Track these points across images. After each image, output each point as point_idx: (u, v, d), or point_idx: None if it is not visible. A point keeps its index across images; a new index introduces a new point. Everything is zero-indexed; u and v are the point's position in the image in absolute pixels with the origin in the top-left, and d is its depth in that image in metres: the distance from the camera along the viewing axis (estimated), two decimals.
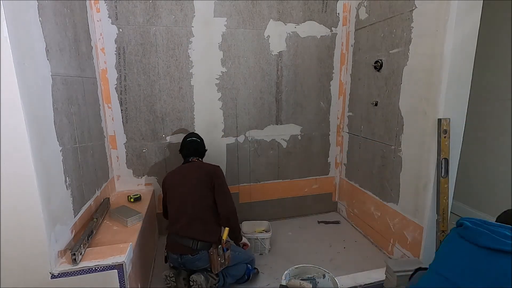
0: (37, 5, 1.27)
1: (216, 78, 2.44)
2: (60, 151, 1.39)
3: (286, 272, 1.68)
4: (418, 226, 1.93)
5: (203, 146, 2.15)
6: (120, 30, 2.16)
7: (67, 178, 1.44)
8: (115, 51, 2.19)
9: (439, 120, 1.70)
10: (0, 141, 1.11)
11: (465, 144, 1.89)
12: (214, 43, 2.37)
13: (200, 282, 1.71)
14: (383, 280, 1.85)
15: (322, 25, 2.59)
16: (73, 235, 1.48)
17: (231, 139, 2.59)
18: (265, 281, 2.01)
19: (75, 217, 1.52)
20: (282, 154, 2.76)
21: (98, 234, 1.66)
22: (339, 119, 2.85)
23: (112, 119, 2.28)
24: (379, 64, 2.21)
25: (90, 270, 1.31)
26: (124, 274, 1.35)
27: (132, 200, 2.14)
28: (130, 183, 2.43)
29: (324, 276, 1.69)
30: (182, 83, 2.37)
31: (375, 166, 2.38)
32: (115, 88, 2.25)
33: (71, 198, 1.48)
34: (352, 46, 2.62)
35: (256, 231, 2.42)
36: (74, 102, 1.61)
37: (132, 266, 1.49)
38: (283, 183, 2.83)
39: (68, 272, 1.29)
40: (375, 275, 1.90)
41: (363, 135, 2.52)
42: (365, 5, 2.39)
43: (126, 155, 2.38)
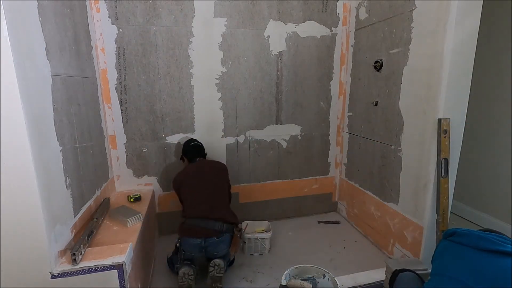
0: (37, 5, 1.27)
1: (216, 78, 2.44)
2: (60, 151, 1.39)
3: (286, 272, 1.68)
4: (418, 226, 1.93)
5: (204, 149, 2.31)
6: (120, 30, 2.16)
7: (67, 178, 1.44)
8: (115, 51, 2.19)
9: (439, 120, 1.70)
10: (0, 141, 1.11)
11: (465, 144, 1.89)
12: (214, 43, 2.37)
13: (223, 265, 1.80)
14: (383, 280, 1.85)
15: (322, 25, 2.59)
16: (73, 235, 1.48)
17: (231, 139, 2.59)
18: (265, 281, 2.01)
19: (75, 217, 1.52)
20: (282, 154, 2.76)
21: (98, 234, 1.66)
22: (339, 119, 2.85)
23: (112, 119, 2.28)
24: (379, 64, 2.21)
25: (90, 270, 1.31)
26: (124, 274, 1.35)
27: (132, 200, 2.14)
28: (130, 183, 2.43)
29: (324, 276, 1.69)
30: (182, 83, 2.37)
31: (375, 166, 2.38)
32: (115, 88, 2.25)
33: (71, 198, 1.48)
34: (352, 46, 2.62)
35: (256, 231, 2.42)
36: (74, 102, 1.61)
37: (132, 266, 1.49)
38: (283, 183, 2.83)
39: (68, 272, 1.29)
40: (375, 275, 1.90)
41: (363, 135, 2.52)
42: (365, 5, 2.39)
43: (126, 155, 2.38)
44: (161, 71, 2.31)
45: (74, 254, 1.29)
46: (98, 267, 1.32)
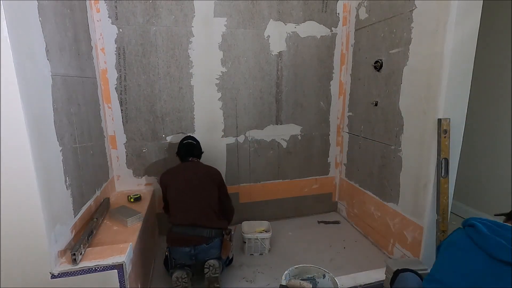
0: (37, 5, 1.27)
1: (216, 78, 2.44)
2: (60, 151, 1.39)
3: (286, 272, 1.68)
4: (418, 226, 1.93)
5: (199, 148, 2.21)
6: (120, 30, 2.16)
7: (67, 178, 1.44)
8: (115, 51, 2.19)
9: (439, 120, 1.70)
10: (0, 141, 1.11)
11: (465, 144, 1.89)
12: (214, 43, 2.37)
13: (218, 265, 1.77)
14: (383, 280, 1.85)
15: (322, 25, 2.59)
16: (73, 235, 1.48)
17: (231, 139, 2.59)
18: (265, 281, 2.01)
19: (75, 217, 1.52)
20: (282, 154, 2.76)
21: (98, 234, 1.66)
22: (339, 119, 2.85)
23: (112, 119, 2.28)
24: (379, 64, 2.21)
25: (90, 270, 1.31)
26: (124, 274, 1.35)
27: (132, 200, 2.14)
28: (130, 183, 2.43)
29: (324, 276, 1.69)
30: (182, 83, 2.37)
31: (375, 166, 2.38)
32: (115, 88, 2.25)
33: (71, 198, 1.48)
34: (352, 46, 2.62)
35: (256, 231, 2.42)
36: (74, 102, 1.61)
37: (132, 266, 1.49)
38: (283, 183, 2.83)
39: (68, 272, 1.29)
40: (375, 275, 1.90)
41: (363, 135, 2.52)
42: (365, 5, 2.39)
43: (126, 155, 2.38)
44: (161, 71, 2.31)
45: (74, 254, 1.29)
46: (98, 267, 1.32)
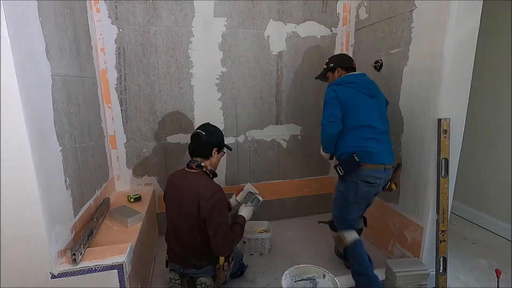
0: (37, 5, 1.27)
1: (216, 78, 2.44)
2: (60, 151, 1.39)
3: (286, 272, 1.68)
4: (418, 226, 1.93)
5: (208, 143, 1.70)
6: (120, 30, 2.16)
7: (67, 178, 1.44)
8: (115, 51, 2.19)
9: (439, 120, 1.70)
10: (0, 141, 1.11)
11: (465, 144, 1.89)
12: (214, 43, 2.37)
13: (209, 283, 1.70)
14: (383, 280, 1.85)
15: (322, 25, 2.59)
16: (73, 235, 1.48)
17: (231, 139, 2.59)
18: (265, 281, 2.01)
19: (75, 217, 1.52)
20: (282, 154, 2.76)
21: (98, 234, 1.66)
22: None
23: (112, 119, 2.28)
24: (379, 64, 2.21)
25: (90, 270, 1.31)
26: (124, 274, 1.35)
27: (132, 200, 2.14)
28: (130, 183, 2.43)
29: (324, 276, 1.69)
30: (182, 83, 2.37)
31: None
32: (115, 88, 2.25)
33: (71, 198, 1.48)
34: (352, 46, 2.62)
35: (256, 231, 2.42)
36: (74, 102, 1.61)
37: (132, 266, 1.49)
38: (283, 183, 2.83)
39: (68, 272, 1.29)
40: None
41: None
42: (365, 5, 2.39)
43: (126, 155, 2.38)
44: (161, 71, 2.31)
45: (74, 254, 1.29)
46: (98, 267, 1.32)
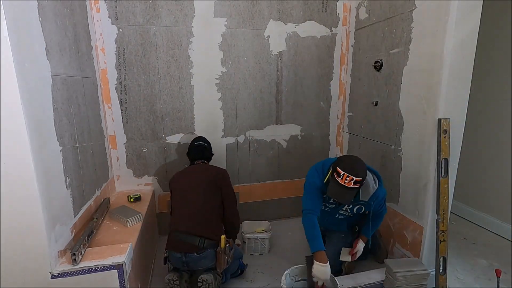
0: (37, 5, 1.27)
1: (216, 78, 2.44)
2: (60, 151, 1.39)
3: (286, 272, 1.69)
4: (418, 226, 1.93)
5: (209, 151, 2.20)
6: (120, 30, 2.16)
7: (67, 178, 1.44)
8: (115, 51, 2.19)
9: (439, 120, 1.70)
10: (0, 141, 1.11)
11: (465, 144, 1.89)
12: (214, 43, 2.37)
13: (211, 280, 1.71)
14: (383, 280, 1.85)
15: (322, 25, 2.59)
16: (73, 235, 1.48)
17: (231, 139, 2.59)
18: (265, 281, 2.01)
19: (75, 217, 1.52)
20: (282, 154, 2.76)
21: (98, 234, 1.66)
22: (339, 119, 2.85)
23: (112, 119, 2.28)
24: (379, 64, 2.21)
25: (90, 270, 1.31)
26: (124, 274, 1.35)
27: (132, 200, 2.14)
28: (130, 183, 2.43)
29: None
30: (182, 83, 2.37)
31: (375, 166, 2.36)
32: (115, 88, 2.25)
33: (71, 198, 1.48)
34: (352, 46, 2.62)
35: (256, 231, 2.42)
36: (74, 102, 1.61)
37: (132, 266, 1.49)
38: (283, 183, 2.83)
39: (68, 272, 1.29)
40: (375, 275, 1.90)
41: (363, 135, 2.52)
42: (365, 5, 2.39)
43: (126, 155, 2.38)
44: (161, 71, 2.31)
45: (74, 254, 1.29)
46: (98, 267, 1.32)
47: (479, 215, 2.76)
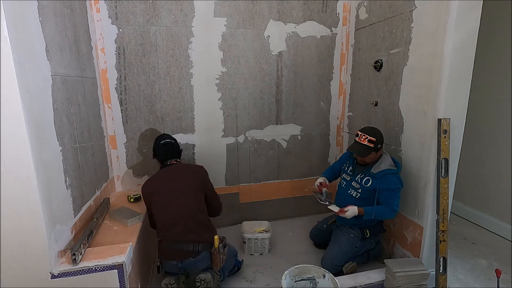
0: (37, 5, 1.27)
1: (216, 78, 2.44)
2: (60, 151, 1.39)
3: (286, 272, 1.68)
4: (418, 226, 1.93)
5: (178, 147, 2.03)
6: (120, 30, 2.16)
7: (67, 178, 1.44)
8: (115, 51, 2.19)
9: (439, 120, 1.70)
10: (0, 141, 1.11)
11: (465, 144, 1.89)
12: (214, 43, 2.37)
13: (209, 279, 1.71)
14: (383, 280, 1.85)
15: (322, 25, 2.59)
16: (73, 235, 1.48)
17: (231, 139, 2.59)
18: (265, 281, 2.01)
19: (75, 217, 1.52)
20: (282, 154, 2.76)
21: (98, 234, 1.66)
22: (339, 119, 2.85)
23: (112, 119, 2.28)
24: (379, 64, 2.21)
25: (90, 270, 1.31)
26: (124, 274, 1.35)
27: (132, 200, 2.14)
28: (130, 183, 2.43)
29: (324, 276, 1.69)
30: (182, 83, 2.37)
31: None
32: (115, 88, 2.24)
33: (71, 198, 1.48)
34: (352, 46, 2.62)
35: (256, 231, 2.42)
36: (74, 102, 1.61)
37: (132, 266, 1.49)
38: (283, 183, 2.83)
39: (68, 272, 1.29)
40: (375, 275, 1.90)
41: None
42: (365, 5, 2.39)
43: (126, 155, 2.38)
44: (161, 71, 2.31)
45: (74, 254, 1.29)
46: (98, 267, 1.32)
47: (479, 215, 2.76)
